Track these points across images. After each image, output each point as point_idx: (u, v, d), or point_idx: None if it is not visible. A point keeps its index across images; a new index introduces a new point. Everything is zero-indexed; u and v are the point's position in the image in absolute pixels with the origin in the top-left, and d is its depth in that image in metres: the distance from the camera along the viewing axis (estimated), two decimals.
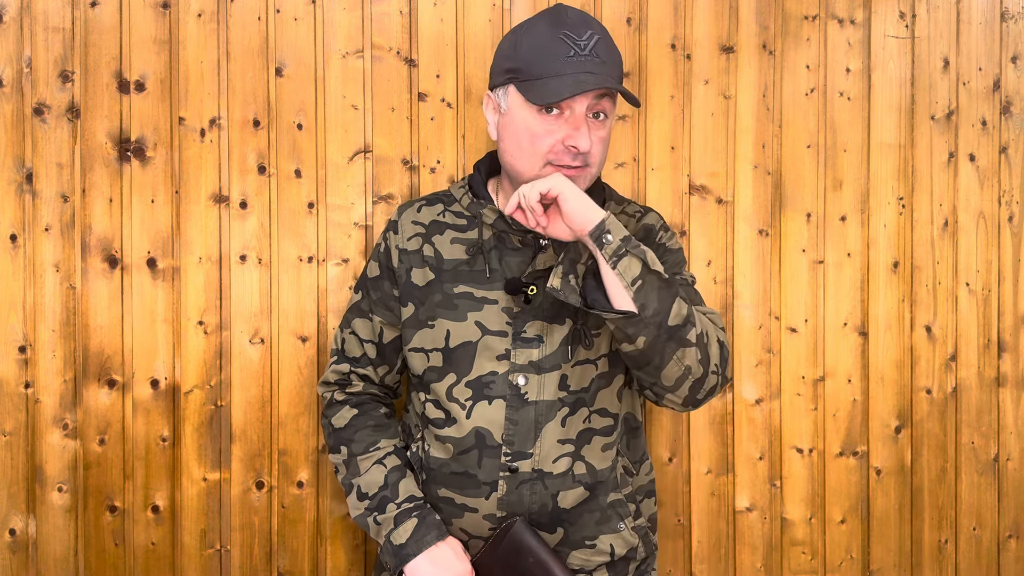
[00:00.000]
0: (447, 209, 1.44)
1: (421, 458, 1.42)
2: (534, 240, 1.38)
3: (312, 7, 1.68)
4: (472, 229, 1.41)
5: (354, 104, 1.69)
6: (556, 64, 1.28)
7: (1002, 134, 1.92)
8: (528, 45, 1.30)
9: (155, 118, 1.64)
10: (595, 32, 1.30)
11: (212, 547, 1.67)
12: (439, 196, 1.48)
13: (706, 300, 1.79)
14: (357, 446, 1.44)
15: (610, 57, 1.30)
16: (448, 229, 1.42)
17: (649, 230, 1.45)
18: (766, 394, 1.83)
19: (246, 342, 1.67)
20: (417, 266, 1.42)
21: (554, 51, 1.28)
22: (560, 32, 1.29)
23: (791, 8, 1.83)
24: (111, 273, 1.64)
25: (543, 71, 1.28)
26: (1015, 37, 1.93)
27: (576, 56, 1.27)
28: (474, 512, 1.36)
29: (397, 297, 1.44)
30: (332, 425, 1.48)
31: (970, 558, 1.93)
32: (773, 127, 1.82)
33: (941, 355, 1.90)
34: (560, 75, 1.27)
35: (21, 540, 1.63)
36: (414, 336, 1.41)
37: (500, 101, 1.35)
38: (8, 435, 1.62)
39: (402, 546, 1.35)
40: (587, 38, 1.29)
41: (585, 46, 1.28)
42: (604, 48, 1.30)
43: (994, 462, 1.94)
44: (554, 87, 1.27)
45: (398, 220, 1.46)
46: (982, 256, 1.92)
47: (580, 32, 1.29)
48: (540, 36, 1.30)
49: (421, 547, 1.35)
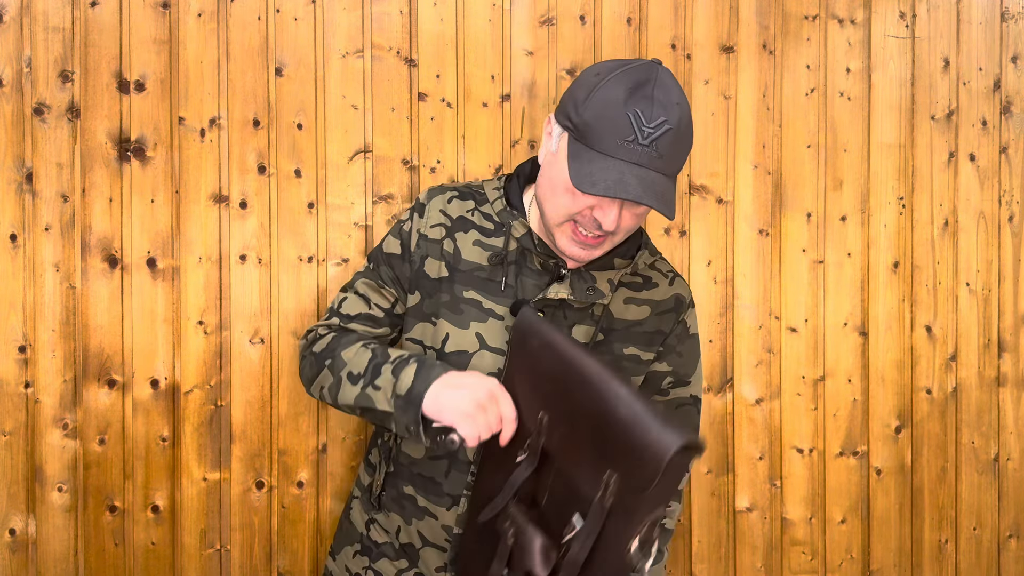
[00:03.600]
0: (478, 208, 1.38)
1: (391, 449, 1.39)
2: (555, 267, 1.33)
3: (312, 7, 1.67)
4: (497, 236, 1.36)
5: (354, 104, 1.69)
6: (611, 143, 1.18)
7: (1002, 134, 1.92)
8: (597, 104, 1.20)
9: (155, 118, 1.64)
10: (668, 120, 1.19)
11: (212, 547, 1.67)
12: (473, 191, 1.41)
13: (706, 300, 1.79)
14: (339, 348, 1.33)
15: (672, 151, 1.20)
16: (473, 229, 1.36)
17: (680, 302, 1.41)
18: (766, 394, 1.82)
19: (246, 342, 1.67)
20: (434, 256, 1.36)
21: (616, 127, 1.18)
22: (632, 108, 1.18)
23: (791, 8, 1.83)
24: (111, 273, 1.64)
25: (595, 143, 1.19)
26: (1015, 37, 1.93)
27: (635, 143, 1.17)
28: (434, 518, 1.34)
29: (408, 279, 1.38)
30: (312, 352, 1.37)
31: (970, 558, 1.93)
32: (773, 127, 1.82)
33: (941, 355, 1.90)
34: (609, 157, 1.18)
35: (21, 540, 1.63)
36: (415, 326, 1.37)
37: (555, 137, 1.27)
38: (8, 435, 1.62)
39: (410, 389, 1.20)
40: (655, 125, 1.18)
41: (649, 135, 1.18)
42: (669, 142, 1.19)
43: (994, 462, 1.94)
44: (595, 173, 1.18)
45: (427, 204, 1.39)
46: (982, 256, 1.92)
47: (652, 115, 1.18)
48: (612, 101, 1.19)
49: (430, 379, 1.20)
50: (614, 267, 1.35)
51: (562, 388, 1.13)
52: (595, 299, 1.33)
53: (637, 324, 1.37)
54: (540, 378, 1.17)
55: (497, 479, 1.20)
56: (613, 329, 1.35)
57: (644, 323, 1.37)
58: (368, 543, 1.42)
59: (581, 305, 1.33)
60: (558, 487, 1.14)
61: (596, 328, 1.34)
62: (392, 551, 1.39)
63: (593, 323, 1.34)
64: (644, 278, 1.39)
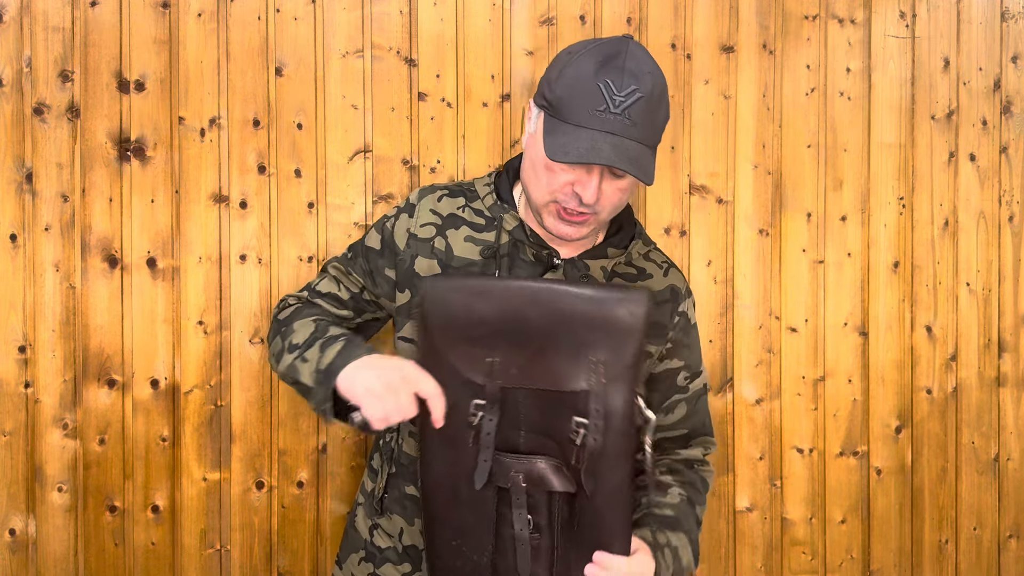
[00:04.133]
0: (468, 205, 1.38)
1: (393, 450, 1.39)
2: (548, 257, 1.33)
3: (312, 7, 1.68)
4: (489, 231, 1.36)
5: (354, 104, 1.69)
6: (583, 114, 1.19)
7: (1002, 134, 1.92)
8: (568, 79, 1.21)
9: (155, 118, 1.64)
10: (639, 88, 1.19)
11: (212, 547, 1.67)
12: (463, 189, 1.41)
13: (706, 300, 1.79)
14: (297, 318, 1.35)
15: (645, 119, 1.20)
16: (464, 225, 1.36)
17: (676, 292, 1.40)
18: (766, 394, 1.82)
19: (246, 342, 1.67)
20: (425, 255, 1.36)
21: (587, 98, 1.19)
22: (603, 78, 1.19)
23: (791, 8, 1.83)
24: (111, 273, 1.64)
25: (568, 116, 1.20)
26: (1015, 37, 1.93)
27: (606, 112, 1.18)
28: None
29: (391, 279, 1.39)
30: (277, 320, 1.39)
31: (970, 558, 1.93)
32: (773, 127, 1.82)
33: (941, 355, 1.90)
34: (582, 128, 1.19)
35: (21, 540, 1.63)
36: (406, 325, 1.36)
37: (533, 118, 1.29)
38: (8, 435, 1.62)
39: (329, 365, 1.22)
40: (626, 94, 1.18)
41: (620, 103, 1.18)
42: (641, 109, 1.19)
43: (994, 462, 1.93)
44: (568, 143, 1.19)
45: (416, 204, 1.39)
46: (982, 256, 1.92)
47: (622, 84, 1.19)
48: (582, 74, 1.20)
49: (350, 358, 1.21)
50: (607, 256, 1.36)
51: (510, 319, 1.19)
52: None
53: None
54: (476, 328, 1.20)
55: (451, 454, 1.22)
56: None
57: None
58: (372, 549, 1.41)
59: None
60: (532, 415, 1.19)
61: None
62: (395, 555, 1.39)
63: None
64: (638, 269, 1.39)
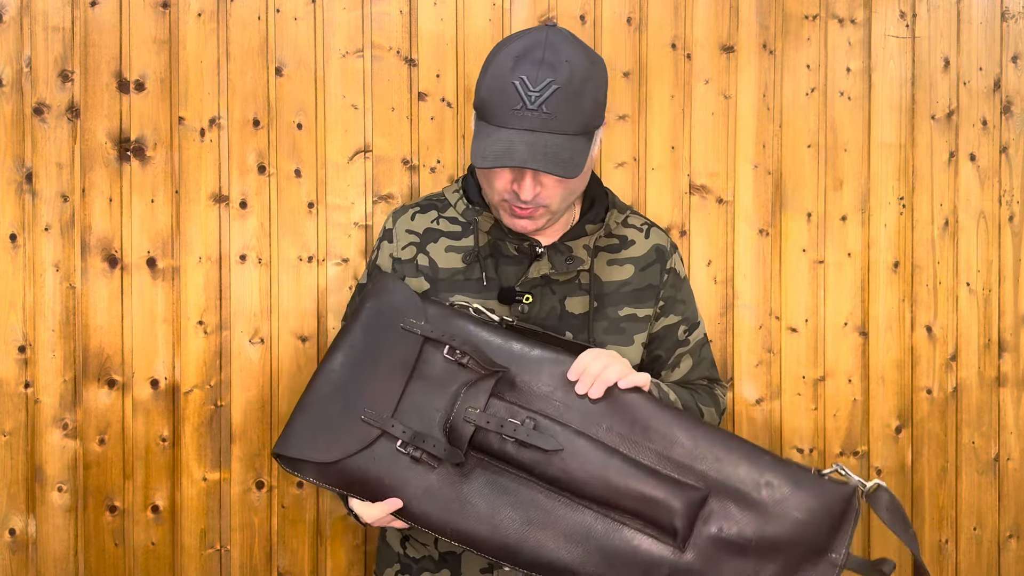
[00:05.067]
0: (441, 215, 1.40)
1: None
2: (530, 248, 1.35)
3: (312, 7, 1.67)
4: (467, 236, 1.37)
5: (354, 104, 1.69)
6: (503, 115, 1.20)
7: (1003, 134, 1.92)
8: (489, 79, 1.23)
9: (155, 118, 1.64)
10: (555, 80, 1.19)
11: (212, 547, 1.67)
12: (432, 201, 1.43)
13: (706, 300, 1.79)
14: None
15: (565, 109, 1.19)
16: (443, 237, 1.38)
17: (661, 251, 1.42)
18: (766, 394, 1.82)
19: (246, 342, 1.67)
20: (411, 275, 1.38)
21: (505, 96, 1.20)
22: (517, 76, 1.19)
23: (791, 8, 1.83)
24: (111, 273, 1.64)
25: (491, 117, 1.21)
26: (1015, 37, 1.93)
27: (523, 110, 1.18)
28: None
29: None
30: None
31: (970, 558, 1.93)
32: (773, 127, 1.82)
33: (941, 355, 1.90)
34: (502, 129, 1.20)
35: (21, 540, 1.63)
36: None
37: (473, 122, 1.30)
38: (8, 435, 1.62)
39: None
40: (542, 87, 1.18)
41: (536, 99, 1.18)
42: (559, 100, 1.19)
43: (994, 462, 1.93)
44: (487, 147, 1.20)
45: (393, 228, 1.42)
46: (982, 256, 1.92)
47: (537, 79, 1.19)
48: (500, 73, 1.21)
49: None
50: (587, 233, 1.37)
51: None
52: (576, 267, 1.34)
53: (625, 284, 1.38)
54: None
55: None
56: (604, 294, 1.37)
57: (631, 281, 1.39)
58: (407, 560, 1.41)
59: (566, 277, 1.35)
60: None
61: (590, 296, 1.35)
62: (432, 564, 1.38)
63: (584, 292, 1.35)
64: (620, 238, 1.41)
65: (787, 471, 1.15)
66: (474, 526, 1.17)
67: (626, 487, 1.14)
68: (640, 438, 1.17)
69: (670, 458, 1.16)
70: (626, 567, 1.14)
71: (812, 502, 1.14)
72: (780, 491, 1.14)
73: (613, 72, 1.76)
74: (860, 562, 1.16)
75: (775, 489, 1.14)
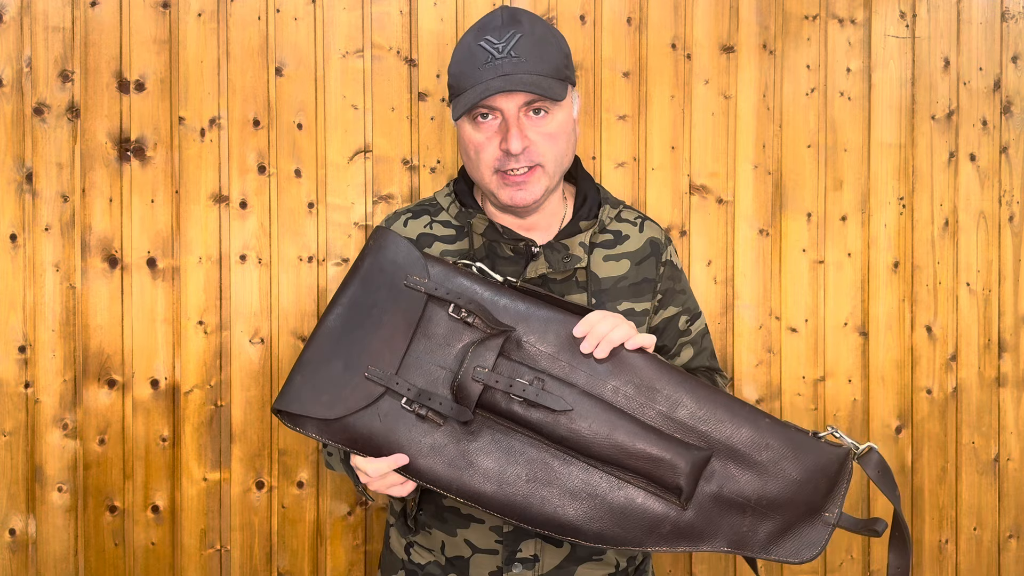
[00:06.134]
0: (434, 220, 1.39)
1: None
2: (526, 248, 1.34)
3: (312, 7, 1.68)
4: (461, 239, 1.37)
5: (354, 104, 1.69)
6: (474, 74, 1.24)
7: (1003, 134, 1.92)
8: (455, 59, 1.28)
9: (155, 118, 1.64)
10: (519, 30, 1.24)
11: (212, 547, 1.67)
12: (425, 207, 1.42)
13: (706, 300, 1.79)
14: None
15: (533, 52, 1.24)
16: (436, 242, 1.37)
17: (656, 244, 1.42)
18: (766, 394, 1.82)
19: (246, 342, 1.67)
20: None
21: (473, 60, 1.24)
22: (481, 40, 1.25)
23: (791, 8, 1.83)
24: (111, 273, 1.64)
25: (464, 83, 1.25)
26: (1015, 37, 1.93)
27: (492, 61, 1.23)
28: (481, 523, 1.33)
29: None
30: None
31: (970, 558, 1.93)
32: (773, 127, 1.82)
33: (941, 355, 1.90)
34: (476, 84, 1.23)
35: (21, 540, 1.63)
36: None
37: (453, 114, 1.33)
38: (8, 435, 1.62)
39: (344, 458, 1.29)
40: (507, 39, 1.23)
41: (503, 48, 1.23)
42: (526, 45, 1.24)
43: (994, 462, 1.93)
44: (465, 100, 1.23)
45: None
46: (982, 256, 1.92)
47: (501, 34, 1.24)
48: (463, 47, 1.27)
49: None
50: (581, 230, 1.37)
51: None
52: (573, 265, 1.34)
53: (622, 279, 1.38)
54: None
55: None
56: (602, 290, 1.37)
57: (627, 276, 1.39)
58: (412, 567, 1.40)
59: (563, 276, 1.35)
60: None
61: (588, 294, 1.35)
62: (438, 568, 1.37)
63: (581, 289, 1.35)
64: (614, 233, 1.40)
65: (786, 433, 1.18)
66: (480, 483, 1.18)
67: (633, 447, 1.16)
68: (646, 399, 1.19)
69: (675, 419, 1.18)
70: (630, 524, 1.16)
71: (809, 463, 1.17)
72: (779, 452, 1.17)
73: (613, 72, 1.76)
74: (853, 521, 1.18)
75: (774, 451, 1.17)
